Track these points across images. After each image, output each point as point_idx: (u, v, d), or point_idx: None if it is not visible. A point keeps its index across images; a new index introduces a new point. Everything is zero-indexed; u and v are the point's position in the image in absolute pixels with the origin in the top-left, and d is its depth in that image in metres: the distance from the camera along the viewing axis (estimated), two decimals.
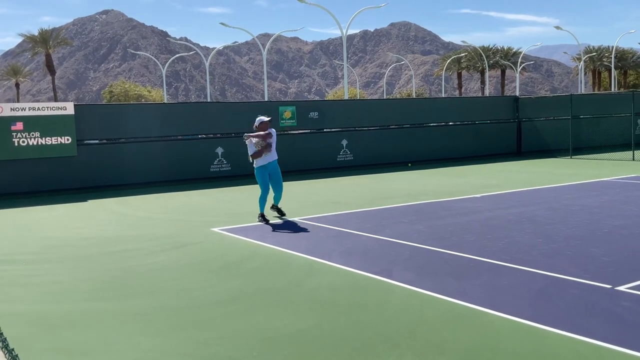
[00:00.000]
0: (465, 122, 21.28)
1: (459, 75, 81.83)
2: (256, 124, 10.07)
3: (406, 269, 6.73)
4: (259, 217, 10.05)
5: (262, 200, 10.09)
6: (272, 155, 10.03)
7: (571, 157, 20.59)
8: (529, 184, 13.84)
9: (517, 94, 49.77)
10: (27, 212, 11.97)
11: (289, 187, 14.82)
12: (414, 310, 5.36)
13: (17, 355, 1.99)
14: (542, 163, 19.31)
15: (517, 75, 68.21)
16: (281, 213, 10.42)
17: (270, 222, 9.99)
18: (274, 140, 9.97)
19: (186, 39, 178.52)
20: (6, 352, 2.01)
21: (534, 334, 4.67)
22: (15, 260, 7.90)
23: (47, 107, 14.42)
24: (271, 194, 10.39)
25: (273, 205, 10.46)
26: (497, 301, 5.47)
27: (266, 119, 10.03)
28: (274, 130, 9.99)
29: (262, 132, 9.87)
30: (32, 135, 14.09)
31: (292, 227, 9.61)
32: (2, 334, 2.25)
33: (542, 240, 7.92)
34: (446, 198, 12.06)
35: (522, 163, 19.50)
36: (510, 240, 7.99)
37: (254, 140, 9.90)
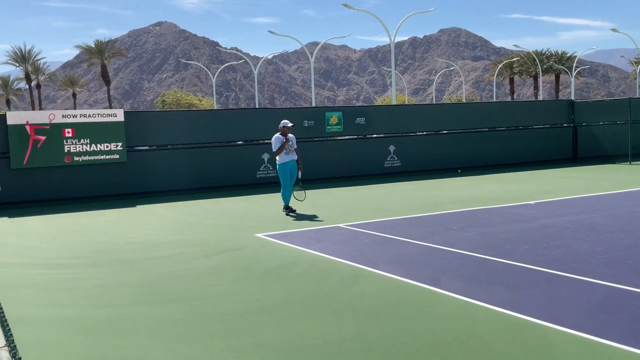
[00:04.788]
0: (518, 127, 20.64)
1: (511, 81, 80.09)
2: (280, 125, 11.43)
3: (455, 278, 6.42)
4: (284, 209, 11.40)
5: (285, 195, 11.41)
6: (292, 155, 11.45)
7: (630, 163, 19.67)
8: (587, 191, 13.22)
9: (573, 99, 48.27)
10: (77, 217, 12.15)
11: (334, 192, 14.64)
12: (463, 321, 5.06)
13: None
14: (599, 169, 18.51)
15: (572, 80, 66.26)
16: (292, 210, 11.44)
17: (315, 227, 9.82)
18: (293, 144, 11.52)
19: (236, 49, 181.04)
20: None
21: (595, 349, 4.31)
22: (62, 264, 7.95)
23: (98, 114, 14.67)
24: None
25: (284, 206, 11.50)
26: (553, 313, 5.11)
27: (290, 124, 11.47)
28: (292, 136, 11.52)
29: (285, 139, 11.38)
30: (83, 141, 14.35)
31: (337, 233, 9.40)
32: (11, 335, 2.10)
33: (601, 249, 7.46)
34: (498, 205, 11.62)
35: (578, 169, 18.73)
36: (567, 249, 7.55)
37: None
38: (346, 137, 17.99)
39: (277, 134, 11.44)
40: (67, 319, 5.53)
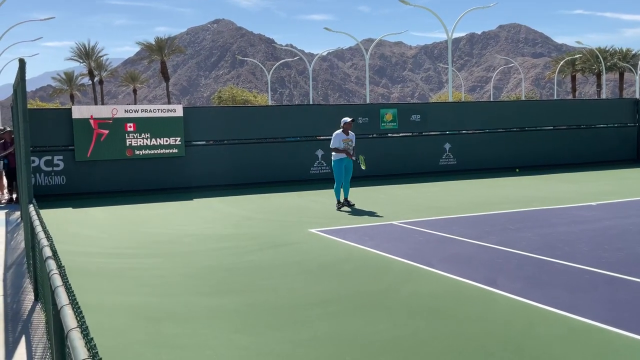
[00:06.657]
0: (580, 126, 20.01)
1: (573, 79, 77.63)
2: (342, 123, 11.87)
3: (513, 279, 6.30)
4: (337, 205, 11.67)
5: (338, 190, 11.74)
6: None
7: None
8: None
9: (638, 98, 46.41)
10: (137, 209, 12.52)
11: (388, 190, 14.58)
12: (520, 323, 4.97)
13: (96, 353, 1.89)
14: None
15: (637, 78, 63.71)
16: (351, 204, 11.73)
17: (369, 224, 9.81)
18: (353, 142, 11.88)
19: (291, 46, 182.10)
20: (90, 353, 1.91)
21: None
22: (123, 254, 8.22)
23: (158, 109, 15.07)
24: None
25: (344, 199, 11.79)
26: (615, 317, 4.96)
27: (349, 119, 11.87)
28: (353, 134, 11.95)
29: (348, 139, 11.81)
30: (144, 136, 14.77)
31: (391, 230, 9.37)
32: (83, 317, 2.17)
33: None
34: (558, 205, 11.31)
35: None
36: (630, 252, 7.30)
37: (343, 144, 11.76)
38: (401, 134, 17.88)
39: (339, 131, 11.78)
40: (128, 307, 5.72)
